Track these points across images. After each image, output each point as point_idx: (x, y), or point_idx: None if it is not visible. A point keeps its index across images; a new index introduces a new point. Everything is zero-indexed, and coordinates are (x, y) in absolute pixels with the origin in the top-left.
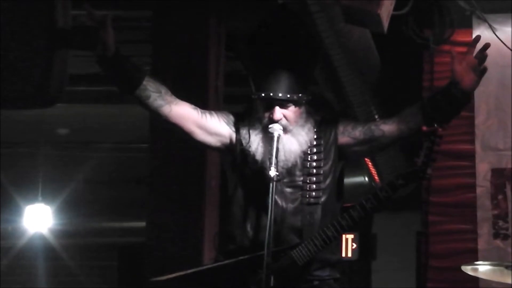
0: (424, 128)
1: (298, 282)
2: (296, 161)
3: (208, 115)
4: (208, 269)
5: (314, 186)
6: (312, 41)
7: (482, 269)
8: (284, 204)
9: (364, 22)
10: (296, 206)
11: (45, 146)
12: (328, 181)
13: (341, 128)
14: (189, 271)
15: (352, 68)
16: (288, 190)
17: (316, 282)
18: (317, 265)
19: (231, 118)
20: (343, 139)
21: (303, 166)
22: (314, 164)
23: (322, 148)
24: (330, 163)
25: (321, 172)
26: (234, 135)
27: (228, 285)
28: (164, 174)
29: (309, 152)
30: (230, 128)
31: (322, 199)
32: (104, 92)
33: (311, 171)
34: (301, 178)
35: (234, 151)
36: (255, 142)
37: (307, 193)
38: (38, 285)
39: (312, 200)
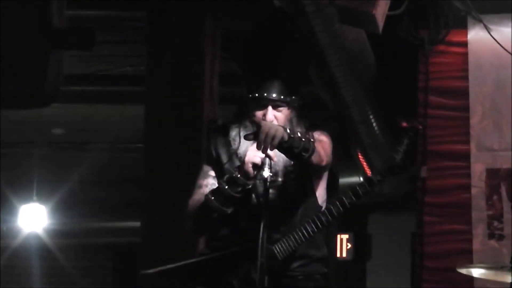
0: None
1: (280, 277)
2: (284, 164)
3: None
4: (192, 263)
5: (293, 183)
6: (305, 44)
7: (477, 269)
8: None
9: (359, 23)
10: (278, 205)
11: (40, 146)
12: (306, 180)
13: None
14: (173, 265)
15: (347, 68)
16: (271, 191)
17: (300, 277)
18: (302, 261)
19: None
20: None
21: (284, 166)
22: (292, 162)
23: None
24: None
25: (297, 170)
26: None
27: (212, 279)
28: (159, 174)
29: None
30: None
31: (304, 197)
32: (100, 92)
33: (290, 169)
34: (282, 178)
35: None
36: (244, 144)
37: (287, 191)
38: (32, 285)
39: (293, 198)
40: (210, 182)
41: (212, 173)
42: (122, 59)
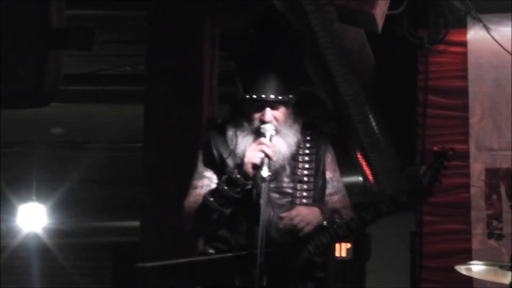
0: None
1: (279, 278)
2: (284, 163)
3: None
4: (192, 262)
5: (305, 193)
6: (299, 42)
7: (477, 269)
8: (271, 210)
9: (358, 22)
10: (278, 206)
11: (39, 146)
12: (317, 190)
13: (328, 159)
14: (174, 261)
15: (346, 68)
16: (275, 196)
17: (300, 279)
18: (302, 265)
19: (209, 149)
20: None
21: (293, 173)
22: (306, 172)
23: (314, 158)
24: (319, 174)
25: (312, 180)
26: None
27: (214, 280)
28: (158, 174)
29: (300, 160)
30: (212, 167)
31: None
32: (100, 92)
33: (302, 179)
34: (291, 185)
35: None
36: (241, 144)
37: (297, 199)
38: (32, 284)
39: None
40: (205, 183)
41: (208, 174)
42: (121, 59)
